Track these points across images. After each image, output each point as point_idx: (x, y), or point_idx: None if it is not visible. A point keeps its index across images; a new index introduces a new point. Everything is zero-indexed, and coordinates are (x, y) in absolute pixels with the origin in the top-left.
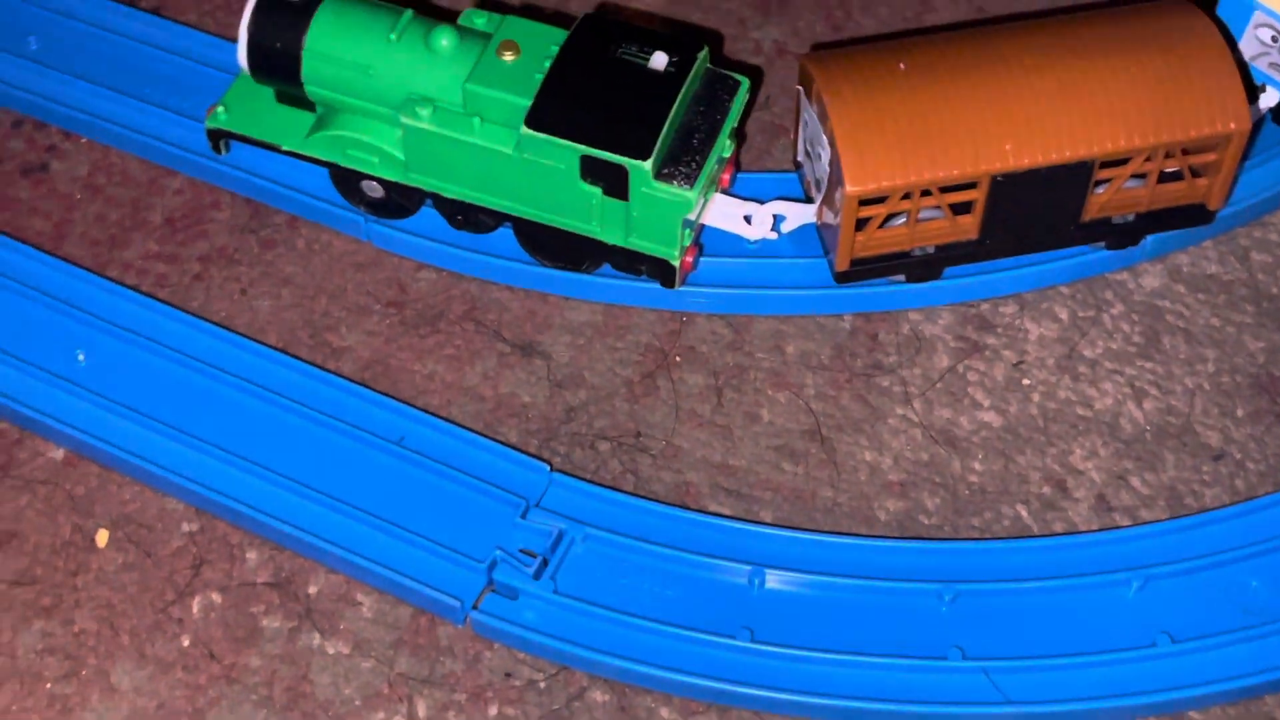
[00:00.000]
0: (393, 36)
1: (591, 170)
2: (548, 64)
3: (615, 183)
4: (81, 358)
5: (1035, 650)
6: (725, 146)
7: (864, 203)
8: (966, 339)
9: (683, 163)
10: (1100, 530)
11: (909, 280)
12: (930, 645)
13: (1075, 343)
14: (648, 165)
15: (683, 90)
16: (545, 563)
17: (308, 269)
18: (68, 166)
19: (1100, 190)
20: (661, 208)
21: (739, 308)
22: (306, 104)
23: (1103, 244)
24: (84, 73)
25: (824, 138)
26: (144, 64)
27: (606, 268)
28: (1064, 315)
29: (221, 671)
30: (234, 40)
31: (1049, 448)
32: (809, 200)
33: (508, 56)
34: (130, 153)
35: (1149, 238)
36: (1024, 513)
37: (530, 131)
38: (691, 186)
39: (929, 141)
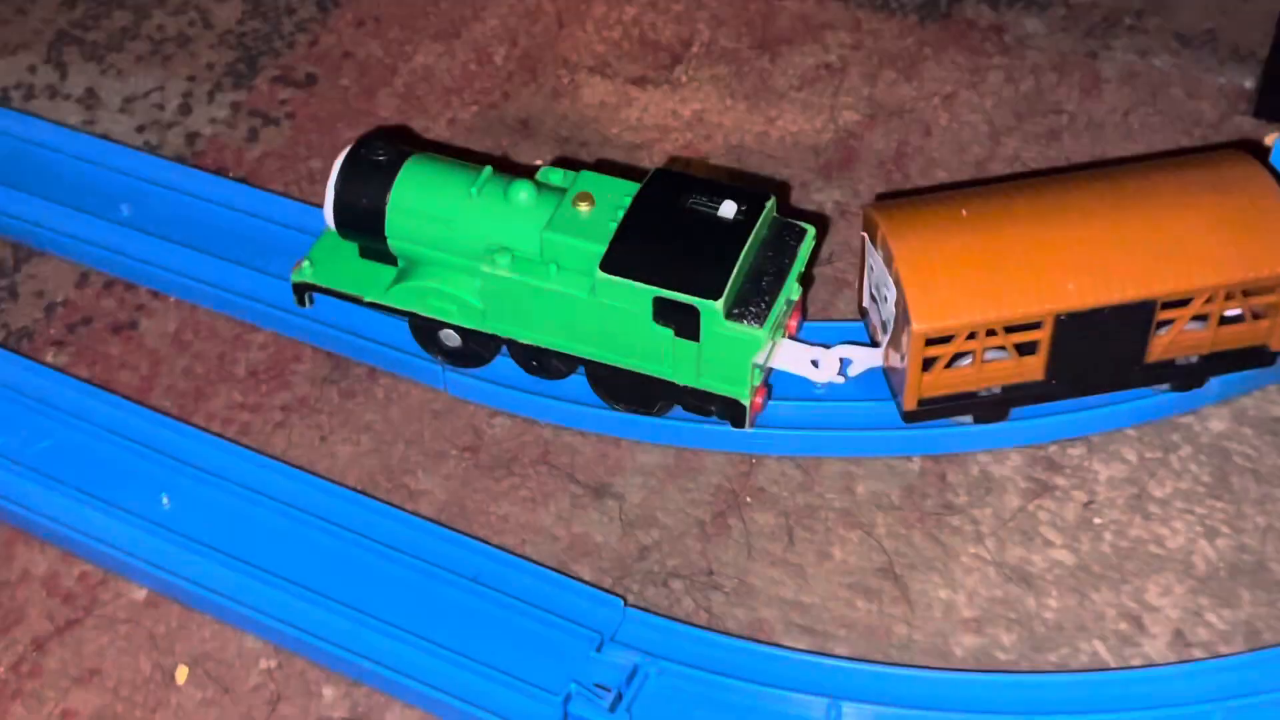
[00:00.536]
0: (473, 191)
1: (664, 312)
2: (621, 213)
3: (687, 324)
4: (166, 501)
5: None
6: (793, 290)
7: (930, 342)
8: (1036, 479)
9: (752, 304)
10: (1179, 663)
11: (976, 421)
12: None
13: (1144, 483)
14: (719, 306)
15: (751, 236)
16: (620, 696)
17: (386, 417)
18: (156, 324)
19: (1163, 332)
20: (732, 347)
21: (808, 449)
22: (388, 258)
23: (1168, 386)
24: (172, 236)
25: (889, 280)
26: (230, 228)
27: (677, 410)
28: (1132, 457)
29: None
30: (316, 205)
31: (1123, 585)
32: (875, 345)
33: (583, 207)
34: (216, 310)
35: (1213, 381)
36: (1101, 648)
37: (605, 275)
38: (761, 326)
39: (993, 281)
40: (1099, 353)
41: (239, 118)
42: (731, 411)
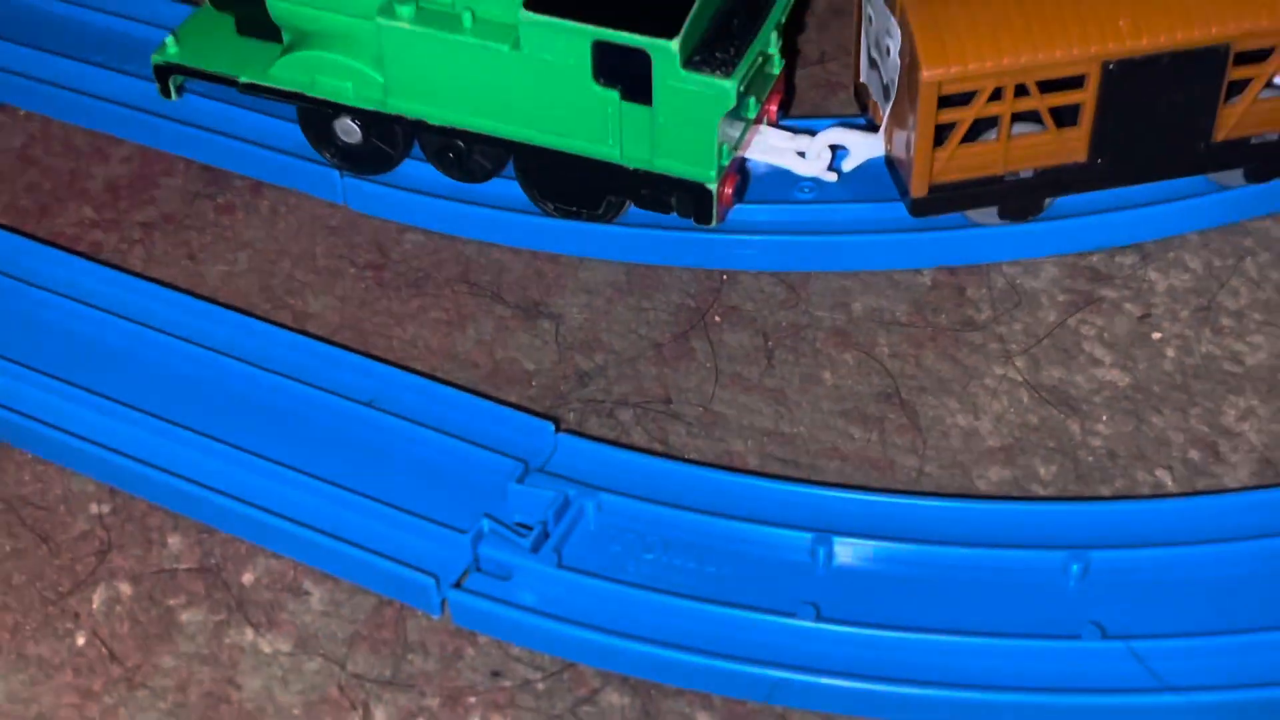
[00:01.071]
0: None
1: (607, 64)
2: None
3: (636, 79)
4: None
5: (1195, 628)
6: (772, 44)
7: (945, 101)
8: (1077, 291)
9: (718, 50)
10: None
11: (1002, 217)
12: (1057, 623)
13: (1214, 293)
14: (674, 47)
15: None
16: (547, 535)
17: (270, 234)
18: (0, 138)
19: (1237, 98)
20: (693, 107)
21: (793, 262)
22: (271, 32)
23: (1240, 174)
24: (19, 39)
25: (893, 24)
26: (90, 31)
27: (628, 215)
28: (1197, 265)
29: (122, 674)
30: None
31: (1192, 407)
32: (874, 129)
33: None
34: (72, 122)
35: None
36: (1167, 479)
37: (531, 16)
38: (729, 77)
39: (1024, 19)
40: (1156, 123)
41: None
42: (695, 201)
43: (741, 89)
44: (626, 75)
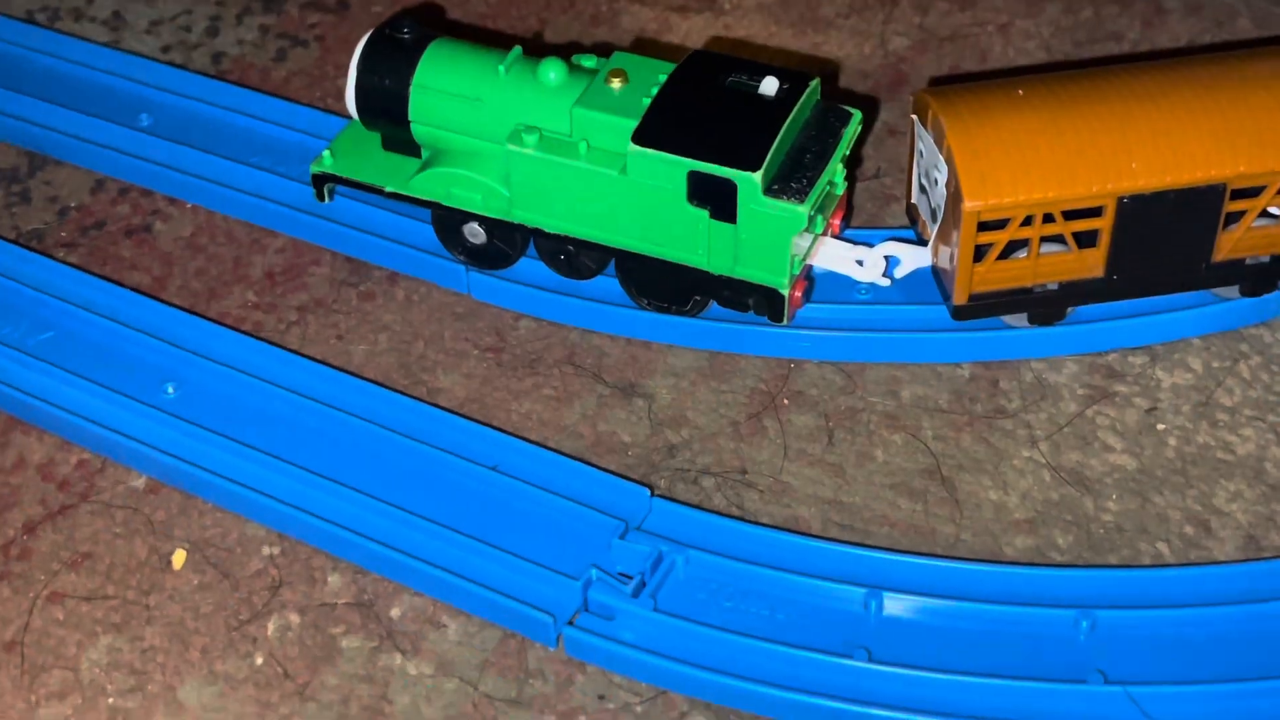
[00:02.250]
0: (501, 69)
1: (699, 189)
2: (655, 90)
3: (723, 202)
4: (171, 390)
5: (1185, 676)
6: (837, 174)
7: (984, 226)
8: (1094, 386)
9: (793, 180)
10: (1249, 560)
11: (1031, 322)
12: (1067, 669)
13: (1212, 391)
14: (757, 177)
15: (793, 113)
16: (644, 584)
17: (405, 318)
18: (170, 228)
19: (1233, 227)
20: (771, 227)
21: (851, 354)
22: (412, 149)
23: (1236, 290)
24: (191, 143)
25: (940, 160)
26: (250, 135)
27: (711, 311)
28: (1198, 366)
29: (295, 689)
30: (340, 116)
31: (1189, 489)
32: (923, 243)
33: (616, 84)
34: (233, 215)
35: None
36: (1165, 550)
37: (638, 148)
38: (802, 203)
39: (1052, 160)
40: (1163, 246)
41: (267, 40)
42: (769, 303)
43: (812, 212)
44: (716, 199)
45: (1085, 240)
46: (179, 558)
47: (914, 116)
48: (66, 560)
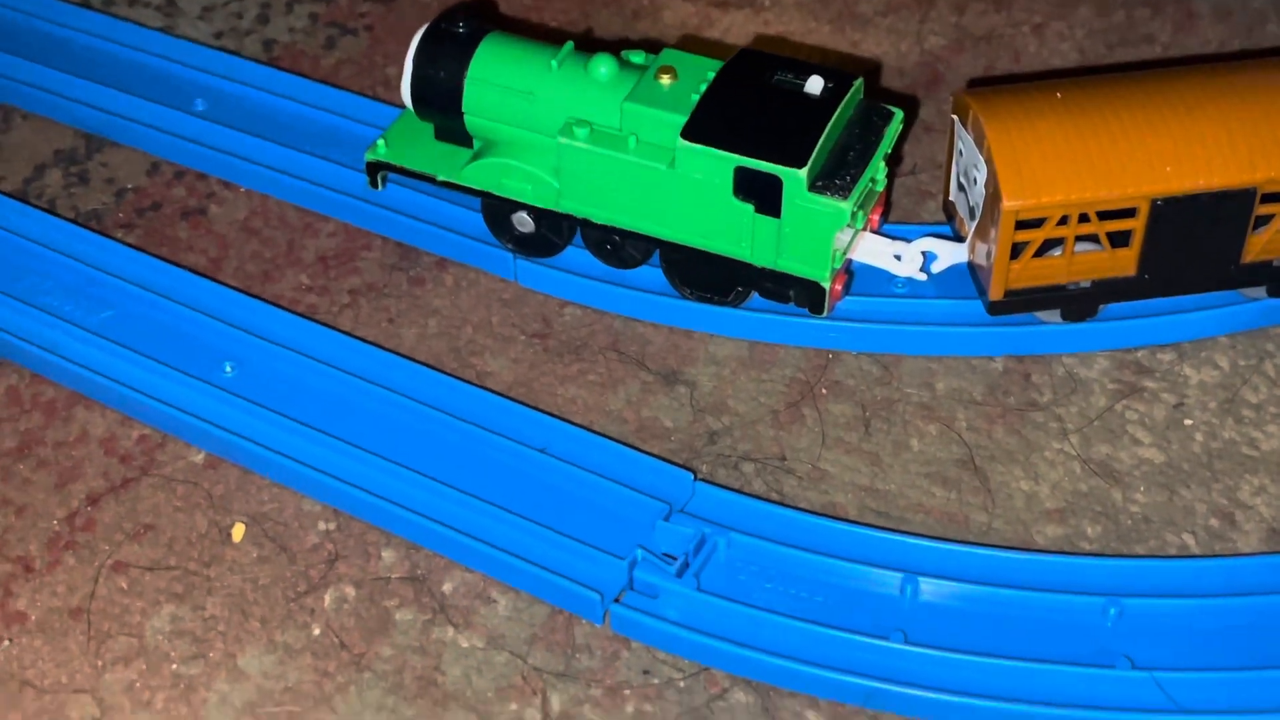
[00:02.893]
0: (554, 64)
1: (745, 184)
2: (704, 87)
3: (768, 197)
4: (229, 369)
5: (1209, 663)
6: (879, 171)
7: (1021, 224)
8: (1124, 381)
9: (837, 178)
10: (1273, 553)
11: (1064, 318)
12: (1096, 655)
13: (1238, 388)
14: (803, 174)
15: (837, 111)
16: (687, 564)
17: (455, 303)
18: (226, 211)
19: (1262, 230)
20: (814, 221)
21: (888, 346)
22: (464, 139)
23: (1263, 290)
24: (245, 129)
25: (980, 160)
26: (303, 123)
27: (752, 302)
28: (1225, 364)
29: (351, 659)
30: (391, 104)
31: (1214, 483)
32: (960, 240)
33: (665, 80)
34: (287, 200)
35: None
36: (1190, 541)
37: (686, 144)
38: (845, 199)
39: (1088, 162)
40: (1194, 247)
41: (317, 28)
42: (810, 295)
43: (854, 209)
44: (761, 193)
45: (1118, 240)
46: (238, 531)
47: (954, 116)
48: (129, 531)
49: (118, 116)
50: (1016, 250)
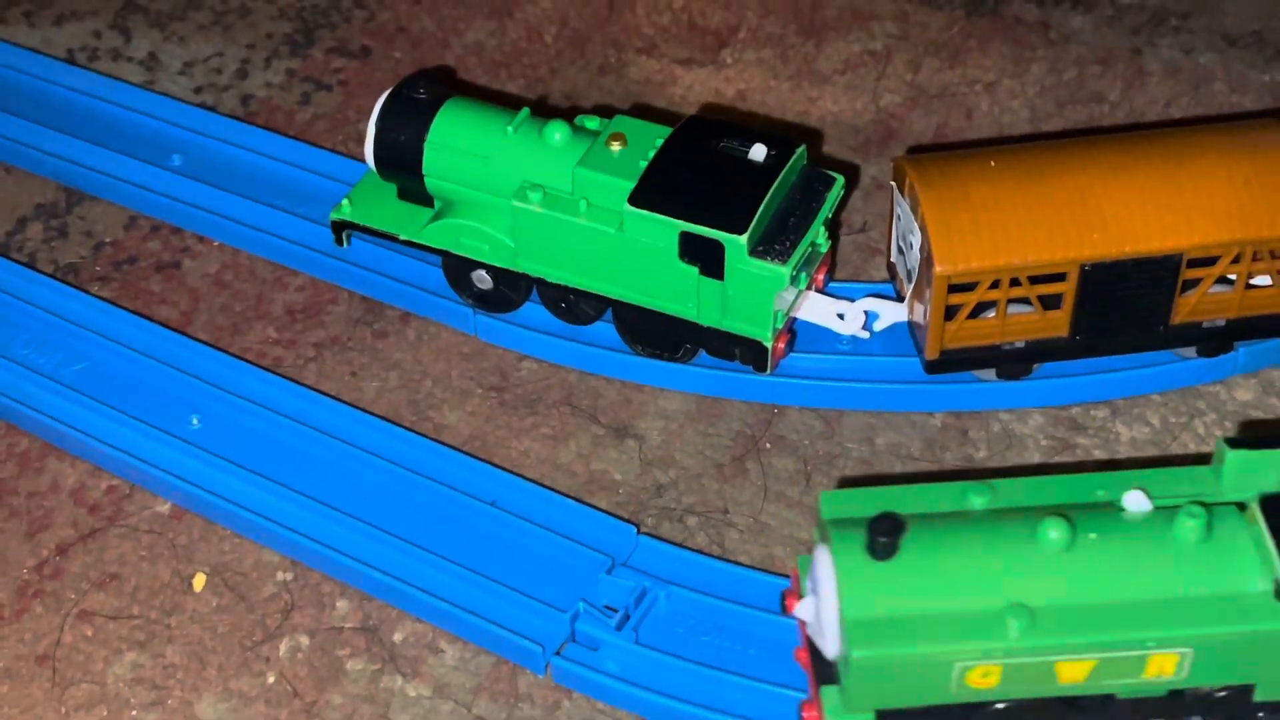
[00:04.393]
0: (510, 129)
1: (690, 248)
2: (652, 153)
3: (712, 260)
4: (196, 422)
5: None
6: (819, 234)
7: (954, 288)
8: (1058, 438)
9: (777, 243)
10: None
11: (1000, 376)
12: None
13: (1168, 445)
14: (743, 240)
15: (779, 178)
16: (627, 617)
17: (415, 357)
18: (199, 265)
19: (1189, 292)
20: (755, 285)
21: (830, 401)
22: (425, 199)
23: (1194, 350)
24: (219, 184)
25: (915, 226)
26: (275, 178)
27: (700, 358)
28: (1156, 421)
29: (303, 707)
30: (360, 160)
31: None
32: (900, 299)
33: (615, 147)
34: (257, 254)
35: (1242, 351)
36: None
37: (633, 209)
38: (784, 264)
39: (1018, 229)
40: (1124, 309)
41: (293, 83)
42: (754, 354)
43: (794, 272)
44: (705, 257)
45: (1050, 302)
46: (199, 581)
47: (894, 183)
48: (95, 580)
49: (96, 172)
50: (951, 312)
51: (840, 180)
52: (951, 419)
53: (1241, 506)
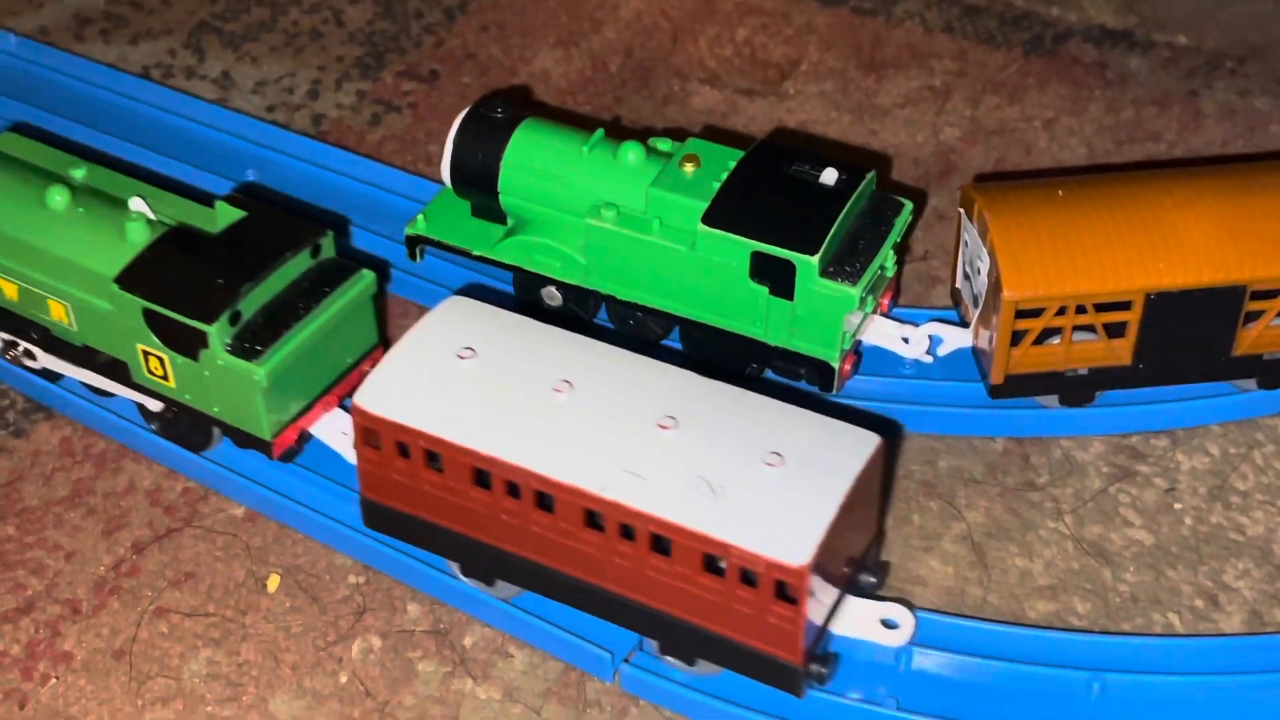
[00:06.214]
0: (585, 149)
1: (761, 268)
2: (725, 175)
3: (783, 281)
4: None
5: None
6: (887, 258)
7: (1020, 313)
8: (1118, 465)
9: (847, 264)
10: (1254, 634)
11: (1063, 403)
12: None
13: (1227, 475)
14: (815, 260)
15: (850, 202)
16: None
17: None
18: None
19: (1252, 324)
20: (825, 306)
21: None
22: (499, 216)
23: (1254, 382)
24: (292, 200)
25: (983, 252)
26: (347, 195)
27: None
28: (1215, 451)
29: (375, 706)
30: (431, 180)
31: (1201, 565)
32: (965, 326)
33: (688, 168)
34: None
35: None
36: (1175, 620)
37: (706, 229)
38: (854, 285)
39: (1085, 257)
40: (1187, 339)
41: (364, 104)
42: (820, 374)
43: (863, 294)
44: (776, 277)
45: (1114, 331)
46: (273, 581)
47: (961, 210)
48: (171, 579)
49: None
50: (1017, 338)
51: (909, 206)
52: (1013, 444)
53: None
